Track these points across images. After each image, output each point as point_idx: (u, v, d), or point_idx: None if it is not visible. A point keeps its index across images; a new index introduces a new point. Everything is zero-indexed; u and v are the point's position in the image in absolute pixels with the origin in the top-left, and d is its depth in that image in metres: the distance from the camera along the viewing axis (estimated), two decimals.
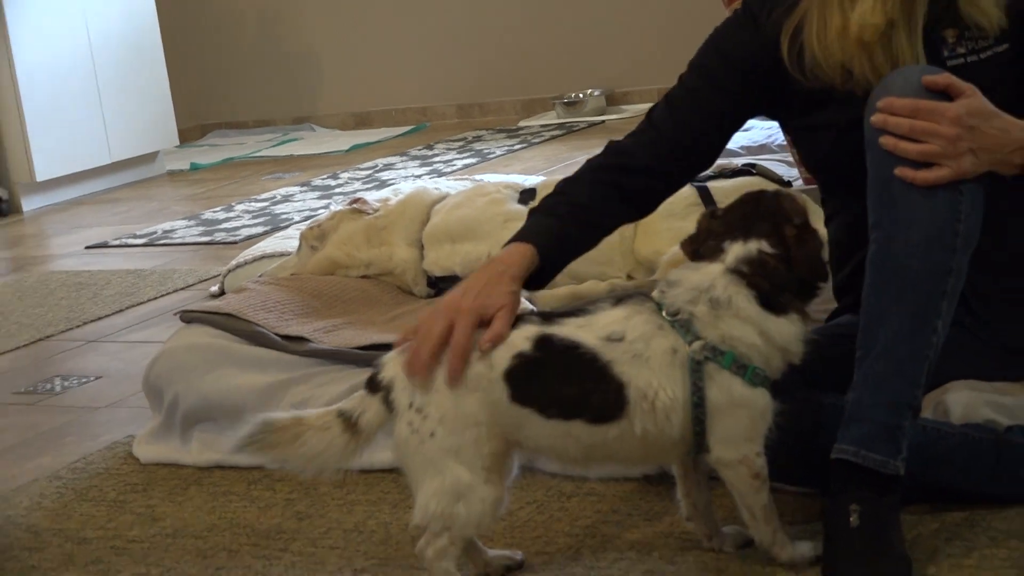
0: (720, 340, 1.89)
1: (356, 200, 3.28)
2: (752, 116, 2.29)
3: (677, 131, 2.21)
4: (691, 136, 2.21)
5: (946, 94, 1.90)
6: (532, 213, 2.16)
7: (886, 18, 1.99)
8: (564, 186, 2.19)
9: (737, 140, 4.11)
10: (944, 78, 1.91)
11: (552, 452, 2.04)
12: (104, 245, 5.32)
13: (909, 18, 2.00)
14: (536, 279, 2.07)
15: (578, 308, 1.99)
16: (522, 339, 1.93)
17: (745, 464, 1.91)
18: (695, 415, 1.89)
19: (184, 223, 5.51)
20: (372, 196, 3.31)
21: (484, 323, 1.93)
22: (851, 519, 1.86)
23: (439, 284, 3.11)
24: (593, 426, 1.92)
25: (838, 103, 2.12)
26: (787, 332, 1.90)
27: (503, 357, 1.92)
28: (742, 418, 1.90)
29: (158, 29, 6.87)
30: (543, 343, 1.93)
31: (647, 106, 7.31)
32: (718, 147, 2.26)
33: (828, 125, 2.17)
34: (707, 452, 1.93)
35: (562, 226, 2.12)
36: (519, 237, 2.10)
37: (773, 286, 1.89)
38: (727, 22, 2.25)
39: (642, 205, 2.23)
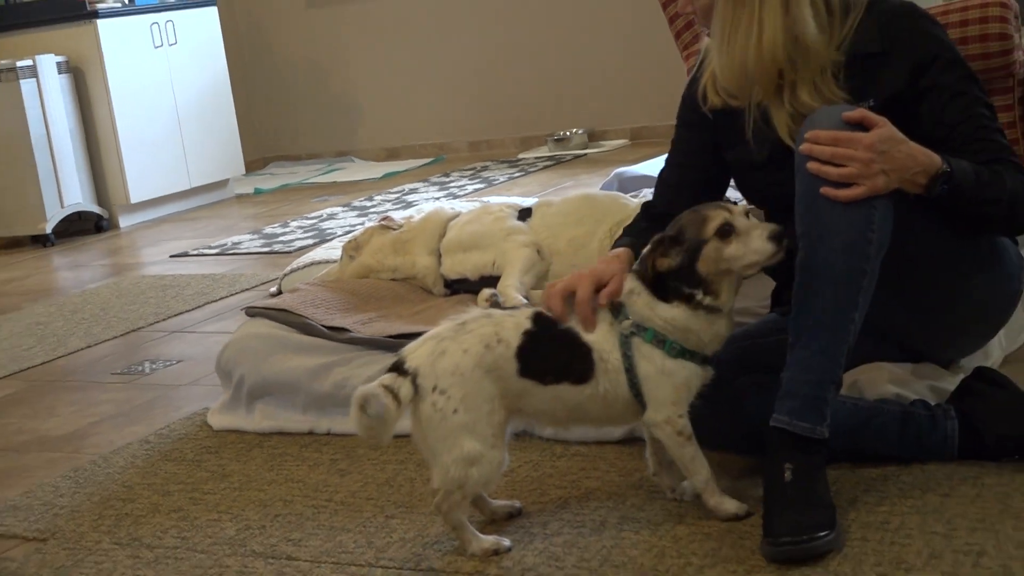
0: (642, 319, 1.92)
1: (384, 218, 3.27)
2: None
3: (678, 174, 2.25)
4: (690, 173, 2.23)
5: (862, 126, 1.89)
6: (617, 242, 2.20)
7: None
8: (626, 229, 2.25)
9: None
10: (859, 113, 1.90)
11: (545, 416, 2.05)
12: (184, 254, 5.32)
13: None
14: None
15: None
16: (526, 319, 1.97)
17: (670, 424, 1.93)
18: (630, 379, 1.92)
19: (249, 236, 5.51)
20: (398, 215, 3.31)
21: (600, 287, 1.98)
22: (785, 475, 1.85)
23: (454, 285, 3.10)
24: (574, 387, 1.94)
25: (739, 148, 2.13)
26: (669, 315, 1.91)
27: (515, 337, 1.94)
28: (665, 385, 1.92)
29: (228, 79, 6.87)
30: (539, 320, 1.97)
31: (620, 142, 7.28)
32: (717, 176, 2.25)
33: (734, 162, 2.18)
34: None
35: (638, 240, 2.13)
36: (616, 246, 2.15)
37: (653, 280, 1.92)
38: (689, 80, 2.26)
39: None
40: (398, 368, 1.95)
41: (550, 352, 1.95)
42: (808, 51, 1.98)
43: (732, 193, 2.42)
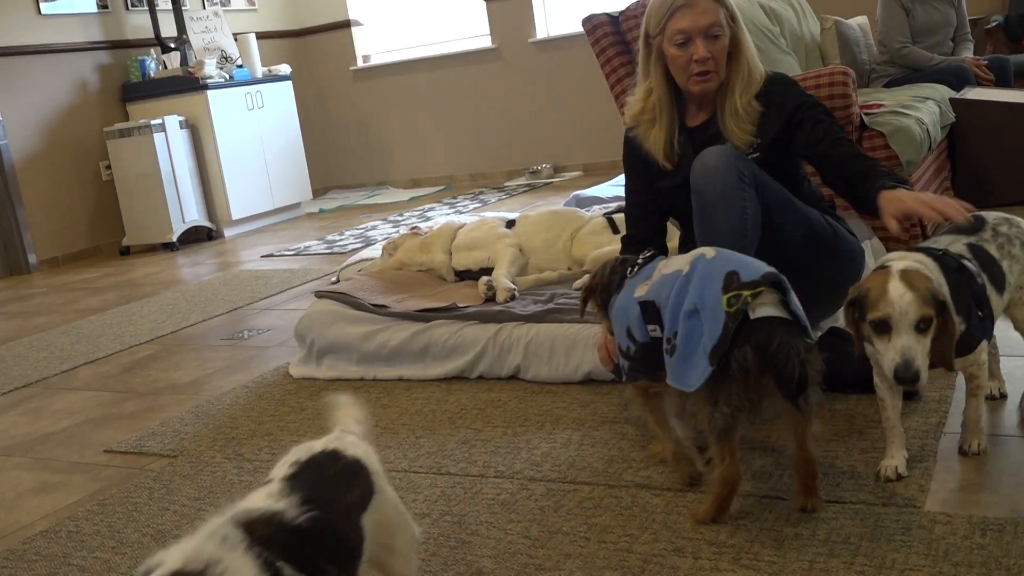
0: None
1: (413, 228, 3.25)
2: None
3: (639, 210, 2.18)
4: (647, 208, 2.17)
5: None
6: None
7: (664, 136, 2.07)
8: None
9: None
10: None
11: None
12: (271, 255, 5.27)
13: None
14: None
15: None
16: None
17: None
18: None
19: (316, 242, 5.47)
20: (423, 225, 3.29)
21: None
22: None
23: (461, 275, 3.08)
24: None
25: (665, 179, 2.11)
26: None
27: None
28: None
29: (300, 132, 6.81)
30: None
31: (576, 173, 7.22)
32: (662, 204, 2.20)
33: (661, 190, 2.15)
34: None
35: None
36: None
37: None
38: (626, 130, 2.22)
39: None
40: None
41: None
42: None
43: None
